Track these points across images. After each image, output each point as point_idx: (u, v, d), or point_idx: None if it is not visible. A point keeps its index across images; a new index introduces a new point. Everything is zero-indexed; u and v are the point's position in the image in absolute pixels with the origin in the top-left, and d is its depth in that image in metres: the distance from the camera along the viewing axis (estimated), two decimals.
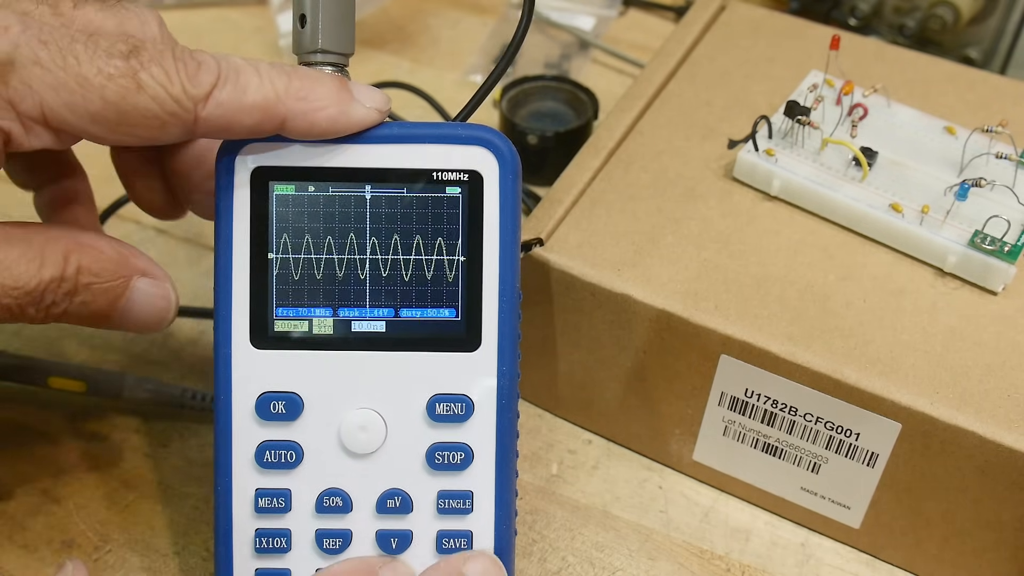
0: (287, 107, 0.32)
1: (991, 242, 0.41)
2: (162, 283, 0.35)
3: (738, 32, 0.54)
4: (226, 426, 0.36)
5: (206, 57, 0.32)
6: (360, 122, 0.34)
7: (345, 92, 0.33)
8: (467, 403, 0.36)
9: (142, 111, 0.31)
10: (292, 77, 0.33)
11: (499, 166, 0.35)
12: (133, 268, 0.35)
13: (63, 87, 0.30)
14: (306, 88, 0.33)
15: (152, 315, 0.35)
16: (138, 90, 0.30)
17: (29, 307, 0.32)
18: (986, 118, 0.46)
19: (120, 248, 0.35)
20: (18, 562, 0.42)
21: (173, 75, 0.31)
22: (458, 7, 0.73)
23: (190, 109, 0.31)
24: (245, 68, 0.32)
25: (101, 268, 0.34)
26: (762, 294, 0.42)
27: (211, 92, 0.31)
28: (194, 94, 0.31)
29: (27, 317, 0.32)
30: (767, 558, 0.43)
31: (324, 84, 0.33)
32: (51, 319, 0.33)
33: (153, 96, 0.30)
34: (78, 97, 0.30)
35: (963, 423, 0.38)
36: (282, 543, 0.36)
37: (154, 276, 0.35)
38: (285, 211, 0.35)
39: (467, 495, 0.36)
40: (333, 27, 0.34)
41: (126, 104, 0.30)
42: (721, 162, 0.47)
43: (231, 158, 0.35)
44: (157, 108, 0.31)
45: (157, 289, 0.35)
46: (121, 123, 0.31)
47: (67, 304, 0.33)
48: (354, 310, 0.36)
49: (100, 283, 0.33)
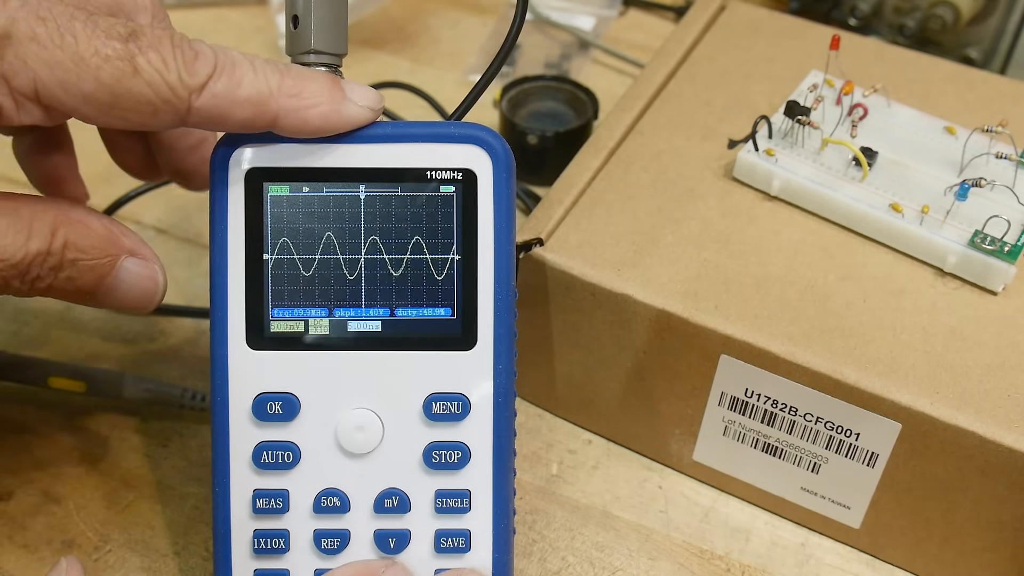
0: (279, 104, 0.32)
1: (991, 242, 0.41)
2: (150, 264, 0.35)
3: (738, 32, 0.54)
4: (223, 427, 0.36)
5: (204, 47, 0.32)
6: (353, 120, 0.34)
7: (338, 90, 0.33)
8: (464, 402, 0.36)
9: (136, 96, 0.30)
10: (285, 75, 0.33)
11: (493, 164, 0.35)
12: (121, 247, 0.34)
13: (58, 65, 0.30)
14: (299, 85, 0.33)
15: (139, 295, 0.35)
16: (134, 74, 0.30)
17: (14, 279, 0.32)
18: (986, 118, 0.46)
19: (110, 226, 0.34)
20: (18, 562, 0.42)
21: (170, 62, 0.31)
22: (458, 7, 0.73)
23: (184, 98, 0.31)
24: (241, 62, 0.32)
25: (88, 244, 0.33)
26: (762, 294, 0.42)
27: (206, 83, 0.31)
28: (189, 83, 0.31)
29: (11, 289, 0.32)
30: (767, 558, 0.43)
31: (317, 82, 0.33)
32: (35, 293, 0.33)
33: (148, 81, 0.30)
34: (72, 76, 0.30)
35: (963, 423, 0.38)
36: (280, 544, 0.36)
37: (142, 256, 0.35)
38: (280, 212, 0.35)
39: (465, 494, 0.36)
40: (325, 28, 0.35)
41: (120, 87, 0.30)
42: (721, 162, 0.47)
43: (225, 159, 0.35)
44: (151, 94, 0.30)
45: (145, 270, 0.35)
46: (114, 106, 0.30)
47: (52, 279, 0.33)
48: (350, 310, 0.36)
49: (86, 260, 0.33)
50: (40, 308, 0.52)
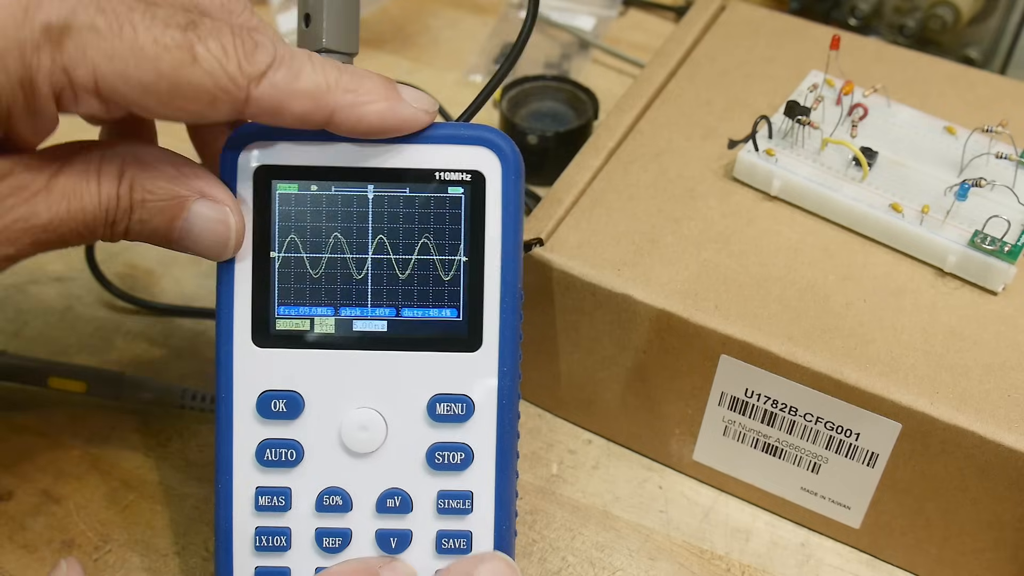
0: (336, 98, 0.32)
1: (991, 242, 0.41)
2: (221, 207, 0.34)
3: (738, 32, 0.54)
4: (227, 424, 0.36)
5: (263, 38, 0.31)
6: (407, 121, 0.34)
7: (394, 90, 0.33)
8: (468, 403, 0.36)
9: (195, 85, 0.30)
10: (343, 71, 0.32)
11: (502, 166, 0.35)
12: (191, 188, 0.33)
13: (117, 56, 0.29)
14: (356, 82, 0.32)
15: (211, 241, 0.34)
16: (193, 63, 0.30)
17: (99, 225, 0.32)
18: (986, 118, 0.46)
19: (181, 166, 0.34)
20: (18, 562, 0.42)
21: (230, 50, 0.30)
22: (458, 7, 0.73)
23: (243, 87, 0.31)
24: (299, 55, 0.32)
25: (156, 186, 0.33)
26: (762, 294, 0.42)
27: (265, 72, 0.31)
28: (249, 72, 0.30)
29: (99, 235, 0.32)
30: (767, 558, 0.43)
31: (373, 80, 0.33)
32: (118, 237, 0.33)
33: (208, 70, 0.30)
34: (132, 67, 0.29)
35: (963, 423, 0.38)
36: (282, 541, 0.36)
37: (213, 198, 0.34)
38: (288, 210, 0.35)
39: (467, 495, 0.36)
40: (338, 26, 0.35)
41: (179, 76, 0.30)
42: (721, 162, 0.47)
43: (234, 157, 0.35)
44: (210, 83, 0.30)
45: (215, 212, 0.34)
46: (173, 96, 0.30)
47: (127, 222, 0.32)
48: (356, 309, 0.36)
49: (155, 201, 0.32)
50: (40, 308, 0.52)
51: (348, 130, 0.33)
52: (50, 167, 0.31)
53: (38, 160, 0.31)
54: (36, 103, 0.30)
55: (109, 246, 0.54)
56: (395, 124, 0.34)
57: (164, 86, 0.30)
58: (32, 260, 0.33)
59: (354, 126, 0.33)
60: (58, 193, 0.31)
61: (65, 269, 0.53)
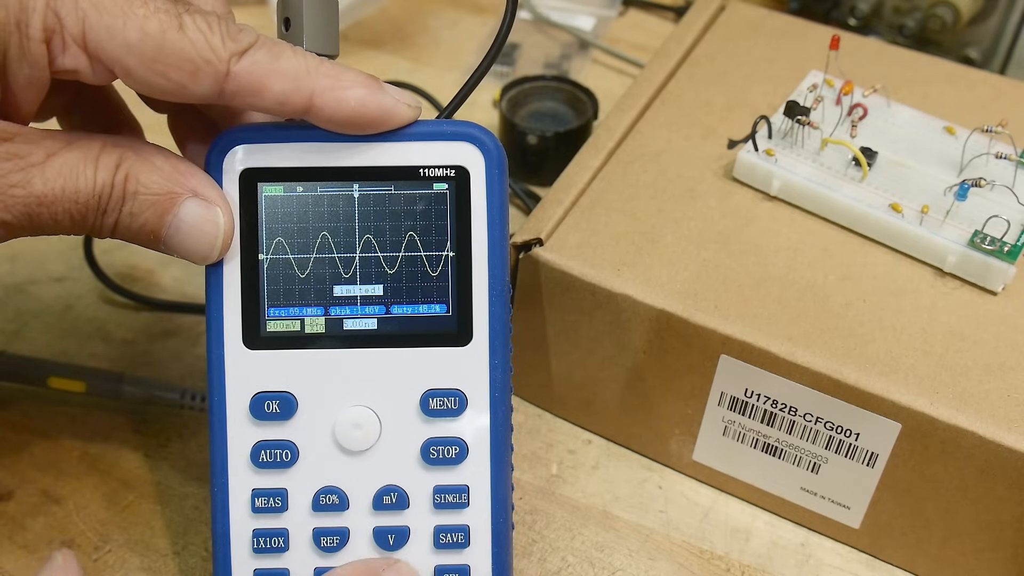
0: (316, 81, 0.32)
1: (991, 242, 0.41)
2: (212, 207, 0.34)
3: (738, 32, 0.54)
4: (221, 427, 0.36)
5: (248, 27, 0.32)
6: (389, 110, 0.34)
7: (375, 80, 0.34)
8: (460, 397, 0.36)
9: (178, 51, 0.31)
10: (324, 61, 0.33)
11: (485, 161, 0.35)
12: (184, 186, 0.34)
13: (107, 10, 0.30)
14: (337, 70, 0.33)
15: (198, 241, 0.34)
16: (179, 29, 0.31)
17: (90, 214, 0.32)
18: (986, 118, 0.46)
19: (176, 164, 0.34)
20: (18, 562, 0.42)
21: (215, 26, 0.31)
22: (458, 7, 0.73)
23: (224, 59, 0.31)
24: (281, 43, 0.33)
25: (150, 180, 0.33)
26: (762, 294, 0.42)
27: (247, 50, 0.32)
28: (231, 47, 0.31)
29: (89, 225, 0.33)
30: (767, 558, 0.43)
31: (355, 71, 0.33)
32: (108, 229, 0.33)
33: (192, 39, 0.31)
34: (119, 22, 0.31)
35: (963, 423, 0.38)
36: (280, 543, 0.36)
37: (205, 198, 0.34)
38: (274, 212, 0.35)
39: (463, 489, 0.36)
40: (317, 30, 0.35)
41: (164, 39, 0.31)
42: (721, 162, 0.47)
43: (220, 160, 0.35)
44: (193, 51, 0.31)
45: (206, 212, 0.34)
46: (156, 59, 0.31)
47: (118, 213, 0.33)
48: (345, 308, 0.36)
49: (147, 194, 0.33)
50: (40, 308, 0.52)
51: (328, 118, 0.33)
52: (51, 145, 0.32)
53: (40, 136, 0.32)
54: (27, 45, 0.30)
55: (108, 245, 0.54)
56: (376, 112, 0.34)
57: (148, 48, 0.31)
58: (32, 260, 0.33)
59: (333, 112, 0.33)
60: (54, 170, 0.32)
61: (65, 269, 0.53)
